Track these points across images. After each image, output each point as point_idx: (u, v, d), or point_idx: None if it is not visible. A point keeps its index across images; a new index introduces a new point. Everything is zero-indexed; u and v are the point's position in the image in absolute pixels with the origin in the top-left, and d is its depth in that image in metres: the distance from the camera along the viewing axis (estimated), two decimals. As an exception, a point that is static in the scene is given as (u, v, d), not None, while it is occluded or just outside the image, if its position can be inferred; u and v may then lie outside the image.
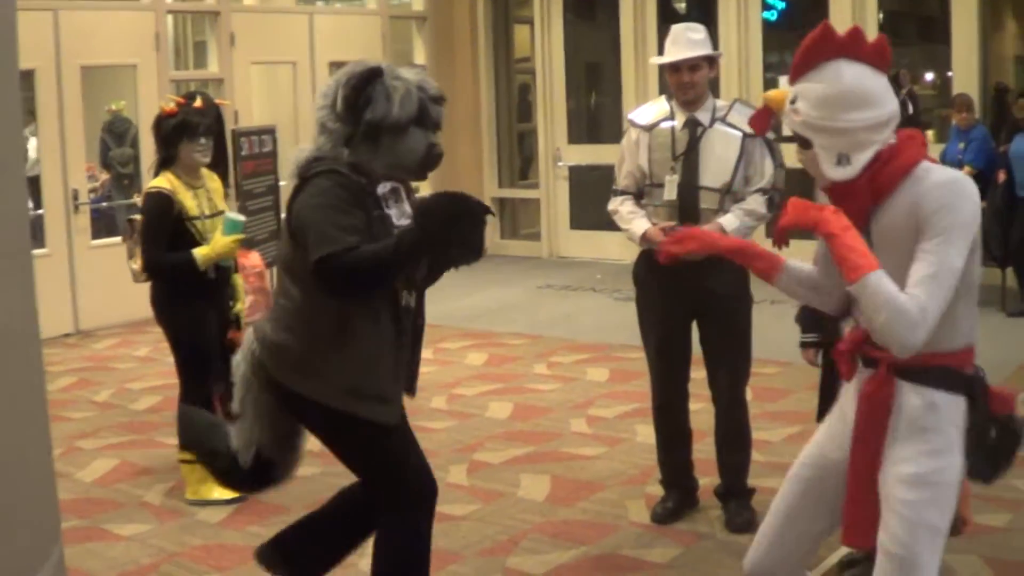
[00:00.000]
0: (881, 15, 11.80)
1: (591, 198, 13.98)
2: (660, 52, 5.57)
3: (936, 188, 3.11)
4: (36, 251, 10.31)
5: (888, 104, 3.22)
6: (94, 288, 10.48)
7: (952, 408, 3.23)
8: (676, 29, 5.47)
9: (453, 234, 3.60)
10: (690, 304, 5.46)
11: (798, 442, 6.50)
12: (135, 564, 5.40)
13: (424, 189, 13.77)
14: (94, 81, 11.49)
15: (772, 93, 3.38)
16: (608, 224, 14.09)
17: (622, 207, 5.53)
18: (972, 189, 3.16)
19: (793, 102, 3.26)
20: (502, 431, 7.20)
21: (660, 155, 5.43)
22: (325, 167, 3.85)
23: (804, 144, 3.25)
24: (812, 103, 3.21)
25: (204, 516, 5.94)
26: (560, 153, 13.91)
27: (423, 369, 8.18)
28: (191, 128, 5.82)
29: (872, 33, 11.20)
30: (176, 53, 14.93)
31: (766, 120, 3.46)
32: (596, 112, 15.04)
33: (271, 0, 14.51)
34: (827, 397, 5.00)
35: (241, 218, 5.79)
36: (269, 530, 5.63)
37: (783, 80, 10.18)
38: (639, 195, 5.52)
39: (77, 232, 10.59)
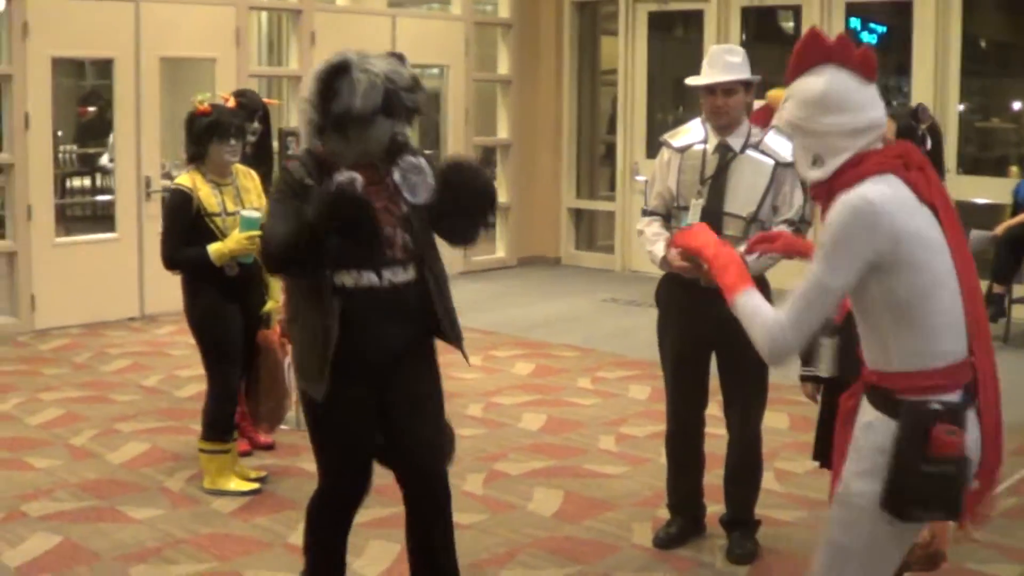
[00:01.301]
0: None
1: (666, 214, 13.96)
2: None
3: (836, 204, 3.19)
4: (106, 235, 10.59)
5: (868, 112, 3.27)
6: (162, 274, 10.51)
7: (883, 432, 3.22)
8: (714, 50, 5.43)
9: (328, 217, 3.97)
10: (708, 331, 5.39)
11: (822, 476, 6.47)
12: (140, 547, 5.52)
13: (502, 193, 13.89)
14: (174, 74, 11.67)
15: (773, 92, 3.51)
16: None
17: (648, 228, 5.50)
18: (865, 209, 3.14)
19: (786, 101, 3.37)
20: (530, 443, 7.23)
21: (689, 177, 5.38)
22: (287, 161, 4.36)
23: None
24: (797, 103, 3.33)
25: (217, 505, 6.05)
26: (637, 167, 13.88)
27: (468, 376, 8.35)
28: (222, 128, 5.95)
29: (955, 59, 11.12)
30: (269, 48, 15.15)
31: (767, 117, 3.57)
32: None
33: (365, 2, 14.69)
34: (824, 435, 4.97)
35: (257, 215, 5.85)
36: (277, 524, 5.78)
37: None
38: (668, 217, 5.49)
39: (148, 219, 10.76)
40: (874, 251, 3.13)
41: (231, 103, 6.24)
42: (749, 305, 3.27)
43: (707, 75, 5.35)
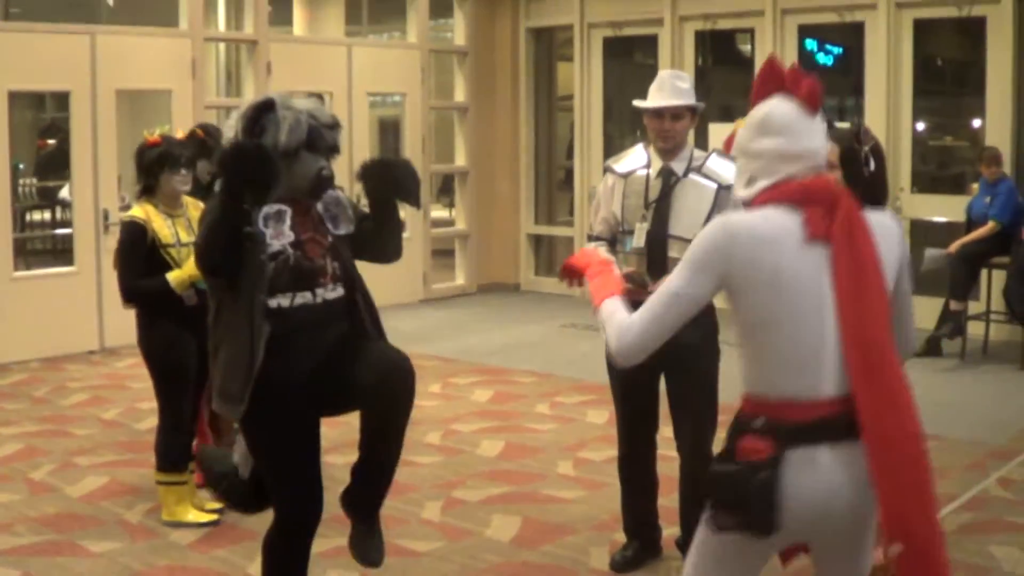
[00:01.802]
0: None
1: (626, 238, 14.04)
2: (699, 93, 5.55)
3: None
4: (65, 269, 10.58)
5: (804, 141, 3.33)
6: (120, 307, 10.60)
7: None
8: (663, 75, 5.49)
9: (237, 172, 4.07)
10: (657, 355, 5.44)
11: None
12: (96, 582, 5.51)
13: (460, 221, 13.94)
14: (131, 106, 11.70)
15: (740, 120, 3.58)
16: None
17: None
18: (722, 232, 3.25)
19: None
20: (487, 469, 7.26)
21: (633, 202, 5.44)
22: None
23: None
24: (746, 125, 3.44)
25: (176, 538, 6.05)
26: (595, 191, 13.92)
27: (427, 403, 8.39)
28: (172, 158, 5.99)
29: (907, 80, 11.24)
30: (228, 78, 15.18)
31: (731, 144, 3.68)
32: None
33: (323, 31, 14.75)
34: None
35: None
36: (235, 555, 5.78)
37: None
38: (613, 242, 5.55)
39: (106, 252, 10.73)
40: (722, 273, 3.24)
41: (180, 134, 6.28)
42: (608, 309, 3.41)
43: (655, 99, 5.42)
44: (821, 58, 13.05)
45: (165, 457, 6.16)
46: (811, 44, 12.79)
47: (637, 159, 5.57)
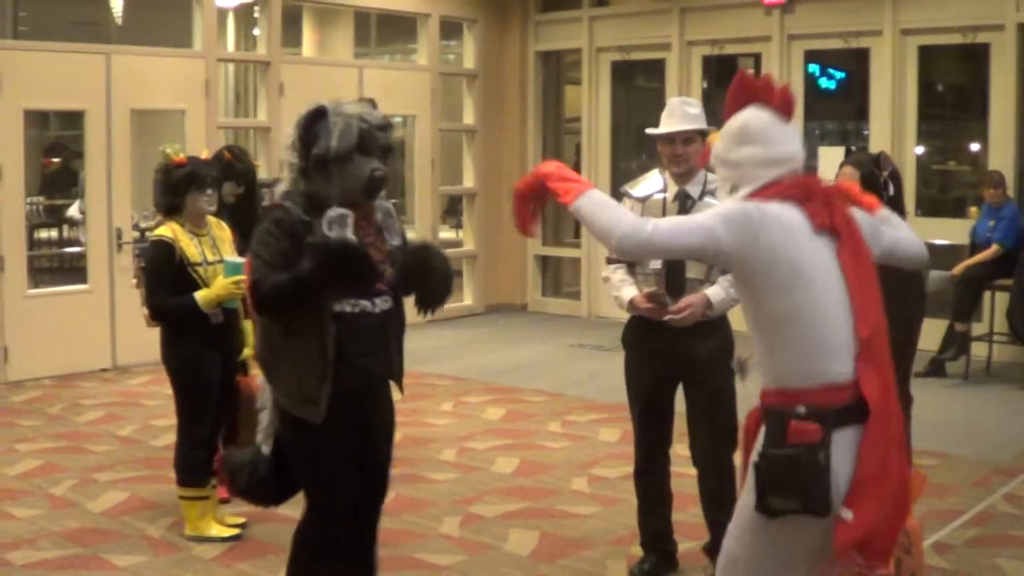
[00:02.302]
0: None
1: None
2: (706, 116, 5.69)
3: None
4: (78, 287, 10.68)
5: (783, 146, 3.51)
6: (133, 325, 10.63)
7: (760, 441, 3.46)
8: (673, 102, 5.64)
9: (332, 274, 4.17)
10: (675, 370, 5.58)
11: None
12: (124, 595, 5.60)
13: (469, 241, 14.04)
14: (142, 125, 11.81)
15: (713, 134, 3.72)
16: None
17: (614, 275, 5.70)
18: (752, 206, 3.43)
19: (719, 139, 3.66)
20: (503, 486, 7.35)
21: None
22: (278, 202, 4.45)
23: None
24: (721, 136, 3.61)
25: (199, 552, 6.13)
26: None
27: (440, 421, 8.51)
28: (199, 179, 6.09)
29: (912, 105, 11.38)
30: (236, 99, 15.31)
31: (707, 157, 3.78)
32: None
33: (332, 52, 14.86)
34: None
35: (241, 260, 5.99)
36: (259, 569, 5.88)
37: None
38: (631, 264, 5.67)
39: (119, 270, 10.87)
40: (746, 242, 3.37)
41: (204, 155, 6.39)
42: (597, 199, 3.45)
43: (666, 125, 5.57)
44: (824, 82, 13.17)
45: (187, 472, 6.25)
46: (814, 68, 12.92)
47: (653, 184, 5.71)
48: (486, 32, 14.35)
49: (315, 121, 4.36)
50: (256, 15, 15.14)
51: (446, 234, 15.44)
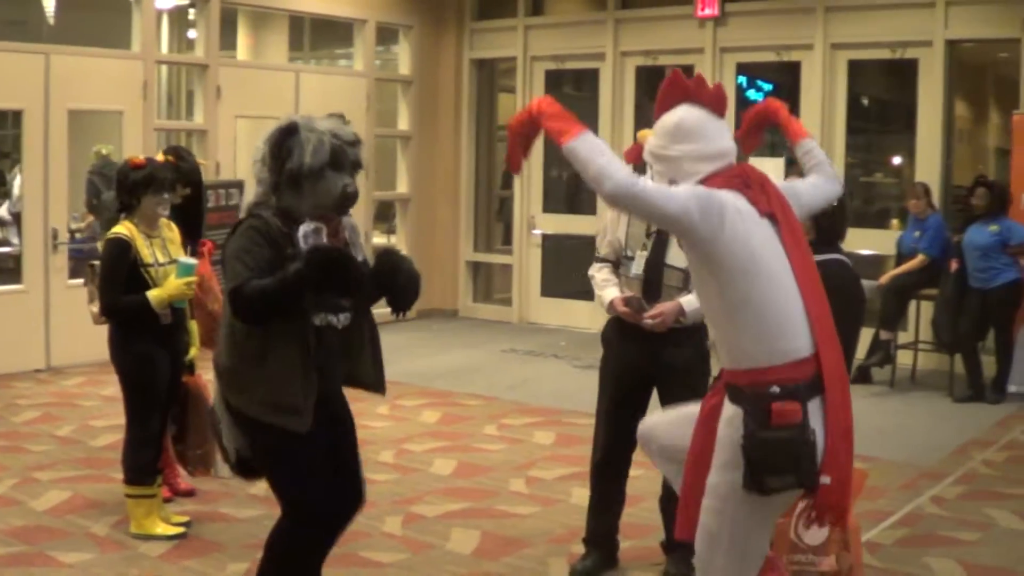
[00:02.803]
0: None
1: (563, 267, 14.34)
2: (638, 126, 5.84)
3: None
4: (13, 287, 10.64)
5: (717, 142, 3.73)
6: (68, 326, 10.69)
7: (738, 424, 3.61)
8: None
9: (323, 278, 4.22)
10: (649, 372, 5.71)
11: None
12: (72, 591, 5.64)
13: (402, 246, 14.13)
14: (81, 125, 11.78)
15: (643, 131, 3.90)
16: (577, 293, 14.43)
17: (599, 274, 5.85)
18: (717, 194, 3.62)
19: (651, 136, 3.83)
20: (443, 486, 7.45)
21: (636, 230, 5.70)
22: (251, 213, 4.49)
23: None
24: (656, 135, 3.79)
25: (145, 549, 6.18)
26: (534, 221, 14.23)
27: (377, 424, 8.61)
28: (157, 182, 6.15)
29: (841, 118, 11.64)
30: (169, 101, 15.29)
31: (637, 153, 3.94)
32: (573, 183, 15.36)
33: (267, 56, 14.90)
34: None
35: (193, 262, 6.11)
36: (206, 566, 5.94)
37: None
38: (617, 264, 5.82)
39: (55, 271, 10.85)
40: (712, 226, 3.56)
41: (160, 158, 6.44)
42: (592, 143, 3.61)
43: None
44: (752, 94, 13.38)
45: (135, 471, 6.29)
46: (742, 79, 13.14)
47: None
48: (422, 39, 14.45)
49: (287, 137, 4.42)
50: (191, 17, 15.19)
51: (378, 239, 15.50)
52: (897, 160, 12.79)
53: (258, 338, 4.42)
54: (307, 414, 4.42)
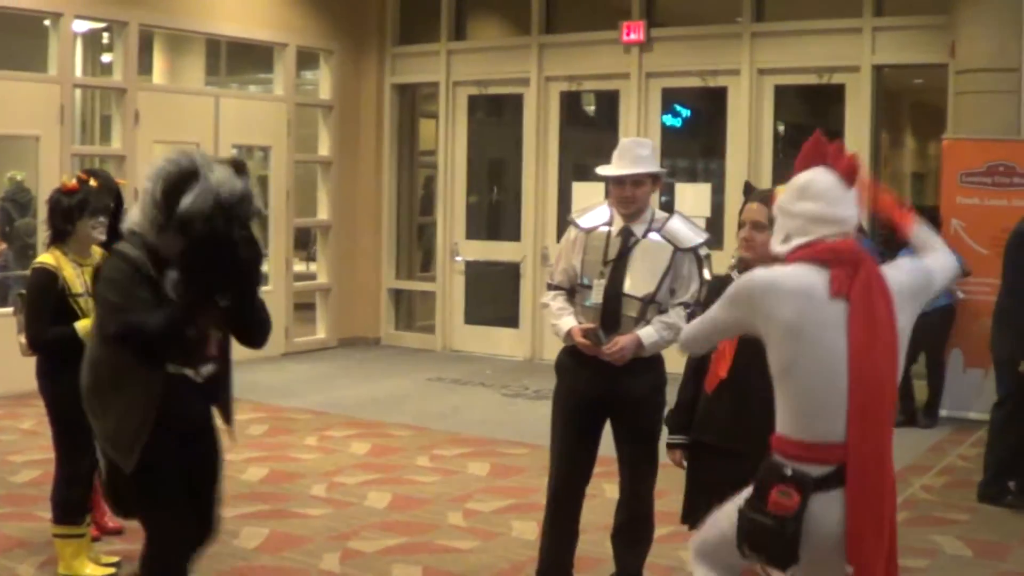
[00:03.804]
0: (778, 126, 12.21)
1: (486, 294, 14.20)
2: (563, 152, 5.71)
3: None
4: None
5: (838, 208, 3.75)
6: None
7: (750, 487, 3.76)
8: (624, 143, 5.65)
9: (210, 282, 4.22)
10: (605, 401, 5.55)
11: (673, 542, 6.66)
12: (-2, 637, 5.38)
13: (322, 274, 13.90)
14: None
15: (780, 187, 4.01)
16: (501, 320, 14.31)
17: (553, 302, 5.71)
18: (745, 284, 3.82)
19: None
20: (379, 520, 7.25)
21: (592, 257, 5.58)
22: (120, 247, 4.37)
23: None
24: (786, 189, 3.89)
25: (73, 592, 5.94)
26: (457, 248, 14.08)
27: (305, 456, 8.39)
28: (92, 206, 5.91)
29: (767, 143, 11.67)
30: (82, 127, 14.96)
31: (773, 203, 4.09)
32: (495, 209, 15.25)
33: (183, 80, 14.63)
34: (692, 498, 5.16)
35: None
36: (137, 608, 5.67)
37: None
38: (571, 291, 5.69)
39: (-33, 300, 10.52)
40: (746, 314, 3.80)
41: (93, 182, 6.20)
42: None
43: (618, 167, 5.57)
44: (668, 119, 13.29)
45: (63, 509, 6.02)
46: (671, 106, 13.12)
47: (600, 215, 5.69)
48: (342, 63, 14.25)
49: (186, 183, 4.22)
50: (104, 41, 14.90)
51: (298, 267, 15.27)
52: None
53: (108, 374, 4.38)
54: (134, 455, 4.35)
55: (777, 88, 12.09)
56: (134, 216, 4.41)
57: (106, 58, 15.37)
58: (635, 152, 5.55)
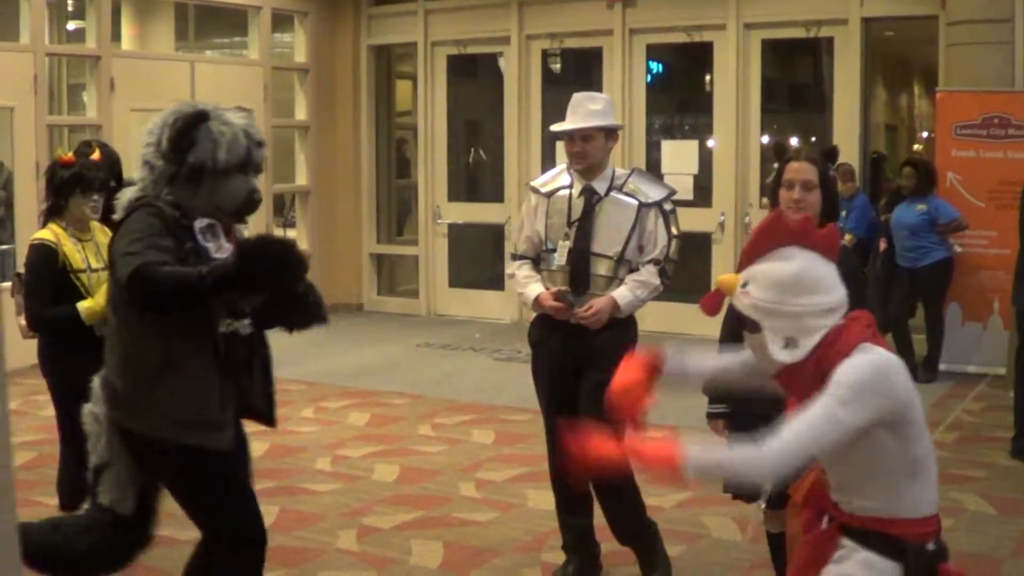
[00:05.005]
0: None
1: (470, 256, 14.03)
2: (545, 112, 5.56)
3: (851, 361, 3.15)
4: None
5: (836, 291, 3.26)
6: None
7: (887, 572, 3.25)
8: (576, 98, 5.52)
9: (262, 281, 3.80)
10: (579, 364, 5.40)
11: (689, 507, 6.55)
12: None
13: (302, 240, 13.68)
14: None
15: (724, 277, 3.42)
16: (486, 283, 14.20)
17: (519, 271, 5.58)
18: (886, 368, 3.17)
19: (745, 285, 3.29)
20: (390, 494, 7.08)
21: (556, 221, 5.48)
22: (142, 203, 4.00)
23: (753, 327, 3.27)
24: (763, 286, 3.25)
25: (86, 579, 5.74)
26: (440, 211, 13.88)
27: (305, 429, 8.22)
28: (86, 182, 5.66)
29: (755, 98, 11.51)
30: (50, 96, 14.61)
31: (717, 303, 3.46)
32: (476, 171, 15.05)
33: (152, 46, 14.33)
34: None
35: None
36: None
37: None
38: (537, 260, 5.56)
39: (-57, 277, 10.26)
40: (888, 408, 3.14)
41: (96, 155, 5.96)
42: (712, 456, 3.13)
43: (568, 122, 5.47)
44: (653, 77, 13.05)
45: (71, 494, 5.79)
46: (655, 62, 12.95)
47: (560, 179, 5.61)
48: (318, 25, 13.98)
49: (194, 125, 3.99)
50: (70, 8, 14.57)
51: (276, 233, 15.03)
52: (814, 141, 12.65)
53: (158, 351, 3.99)
54: (227, 428, 4.05)
55: (764, 42, 11.90)
56: (131, 190, 4.15)
57: (71, 26, 15.04)
58: (586, 107, 5.44)
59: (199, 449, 4.03)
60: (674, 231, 5.48)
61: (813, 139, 12.58)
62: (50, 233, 5.66)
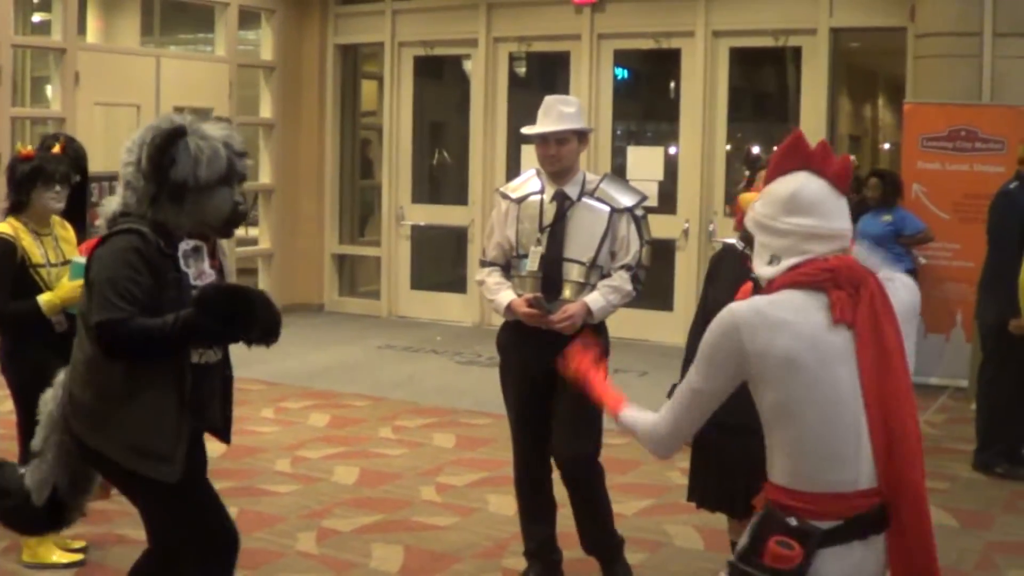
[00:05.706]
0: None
1: (432, 258, 13.98)
2: (512, 115, 5.52)
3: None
4: None
5: (834, 221, 3.18)
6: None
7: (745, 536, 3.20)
8: (548, 100, 5.49)
9: (226, 329, 3.80)
10: (549, 371, 5.34)
11: (652, 515, 6.53)
12: (-35, 630, 5.12)
13: (264, 240, 13.58)
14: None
15: (745, 194, 3.45)
16: (448, 286, 14.13)
17: (489, 278, 5.53)
18: (727, 323, 3.11)
19: (758, 201, 3.32)
20: (350, 497, 7.03)
21: (528, 226, 5.45)
22: (128, 224, 3.91)
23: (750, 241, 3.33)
24: (764, 202, 3.26)
25: (40, 579, 5.67)
26: (403, 212, 13.81)
27: (265, 429, 8.15)
28: (46, 174, 5.58)
29: (722, 106, 11.51)
30: (12, 89, 14.47)
31: (740, 220, 3.51)
32: (440, 173, 15.00)
33: (118, 40, 14.21)
34: (699, 476, 5.02)
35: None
36: (107, 597, 5.43)
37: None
38: (506, 266, 5.53)
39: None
40: (736, 364, 3.10)
41: (57, 148, 5.88)
42: (631, 416, 3.41)
43: (541, 124, 5.43)
44: (620, 83, 13.03)
45: (28, 492, 5.74)
46: (622, 69, 12.94)
47: (531, 185, 5.58)
48: (285, 23, 13.89)
49: (172, 141, 3.89)
50: (35, 0, 14.44)
51: (238, 232, 14.92)
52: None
53: (123, 374, 3.90)
54: (177, 463, 3.93)
55: (732, 50, 11.89)
56: (114, 202, 4.03)
57: (36, 18, 14.92)
58: (559, 109, 5.41)
59: (146, 478, 3.95)
60: (646, 237, 5.46)
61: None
62: (8, 227, 5.58)
